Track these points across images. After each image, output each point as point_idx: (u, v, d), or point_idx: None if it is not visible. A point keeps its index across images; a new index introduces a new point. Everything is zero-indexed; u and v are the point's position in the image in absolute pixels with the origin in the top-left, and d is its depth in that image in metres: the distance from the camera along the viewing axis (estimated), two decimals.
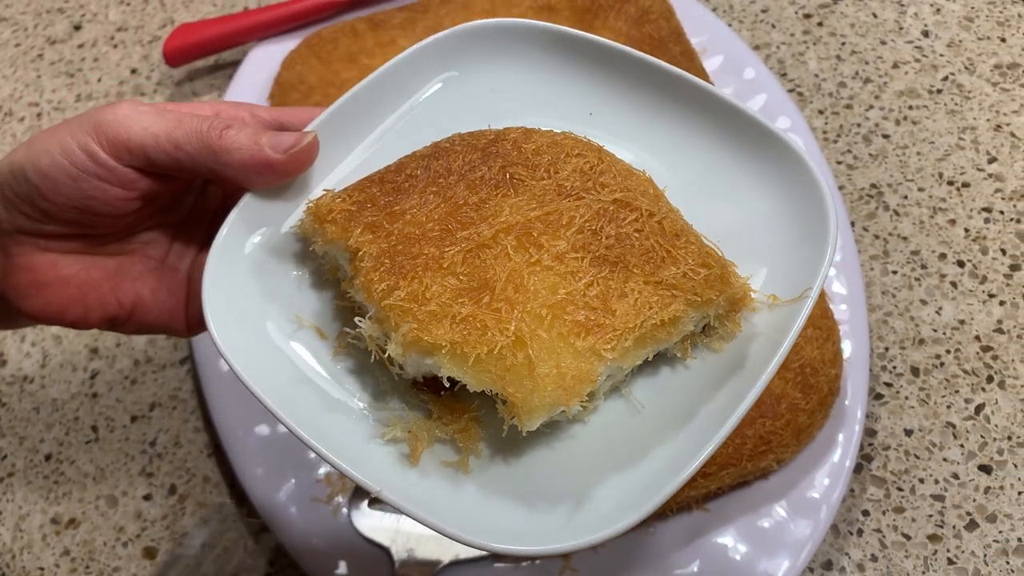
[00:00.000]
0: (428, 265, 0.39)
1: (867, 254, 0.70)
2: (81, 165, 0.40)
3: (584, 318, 0.38)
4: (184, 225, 0.47)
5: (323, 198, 0.43)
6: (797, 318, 0.39)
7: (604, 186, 0.41)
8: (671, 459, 0.38)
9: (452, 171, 0.42)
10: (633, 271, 0.39)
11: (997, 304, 0.67)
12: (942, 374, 0.64)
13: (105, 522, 0.65)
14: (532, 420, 0.37)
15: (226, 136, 0.41)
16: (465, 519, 0.37)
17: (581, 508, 0.38)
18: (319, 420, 0.40)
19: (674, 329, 0.39)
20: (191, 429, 0.68)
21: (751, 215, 0.44)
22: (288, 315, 0.43)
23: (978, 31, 0.80)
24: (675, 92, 0.46)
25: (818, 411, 0.59)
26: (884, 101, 0.77)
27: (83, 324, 0.44)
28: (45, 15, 0.95)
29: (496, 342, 0.37)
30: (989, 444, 0.61)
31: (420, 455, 0.40)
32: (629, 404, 0.41)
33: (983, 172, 0.72)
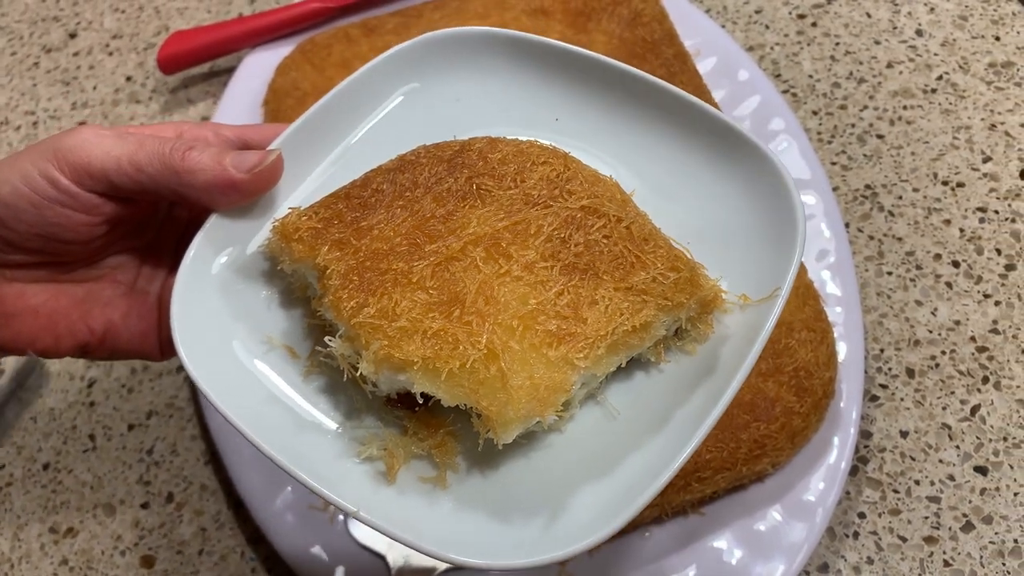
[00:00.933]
0: (397, 280, 0.39)
1: (862, 255, 0.70)
2: (42, 192, 0.39)
3: (556, 327, 0.38)
4: (152, 248, 0.47)
5: (289, 216, 0.43)
6: (768, 317, 0.39)
7: (571, 193, 0.41)
8: (647, 465, 0.38)
9: (418, 184, 0.42)
10: (603, 278, 0.39)
11: (992, 304, 0.66)
12: (937, 375, 0.64)
13: (103, 531, 0.65)
14: (507, 433, 0.37)
15: (189, 157, 0.40)
16: (442, 535, 0.37)
17: (557, 519, 0.38)
18: (292, 440, 0.40)
19: (646, 334, 0.39)
20: (188, 437, 0.69)
21: (719, 216, 0.44)
22: (259, 336, 0.43)
23: (972, 30, 0.79)
24: (640, 95, 0.46)
25: (813, 414, 0.59)
26: (878, 101, 0.77)
27: (54, 353, 0.44)
28: (40, 23, 0.95)
29: (468, 356, 0.37)
30: (985, 445, 0.61)
31: (397, 472, 0.40)
32: (605, 411, 0.41)
33: (978, 172, 0.72)
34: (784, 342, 0.60)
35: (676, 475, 0.57)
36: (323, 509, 0.62)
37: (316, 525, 0.61)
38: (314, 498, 0.62)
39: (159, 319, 0.46)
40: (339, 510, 0.61)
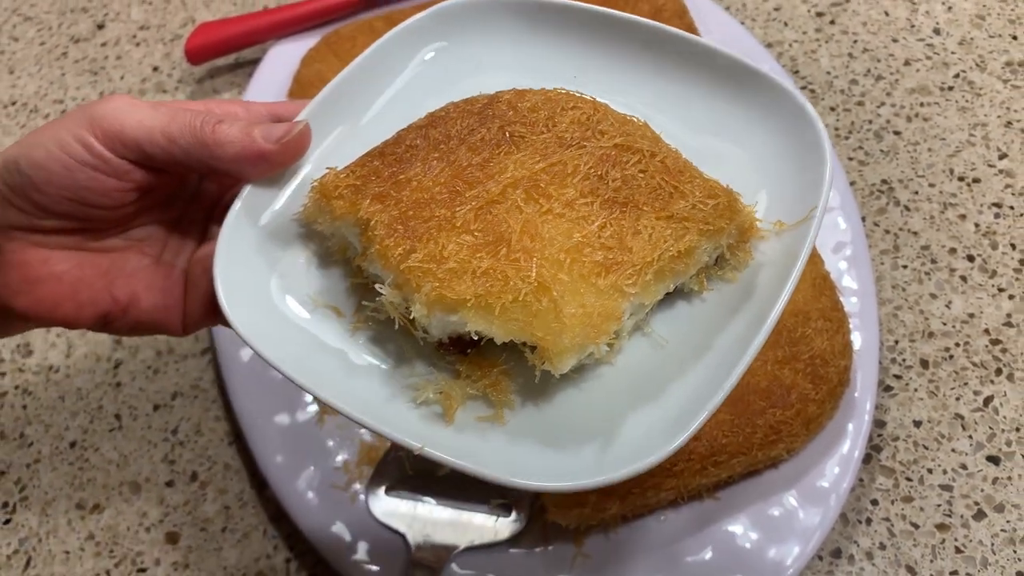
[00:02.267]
0: (441, 226, 0.39)
1: (878, 248, 0.71)
2: (76, 155, 0.40)
3: (602, 258, 0.38)
4: (180, 223, 0.47)
5: (327, 176, 0.43)
6: (806, 239, 0.40)
7: (603, 133, 0.42)
8: (694, 392, 0.38)
9: (451, 136, 0.43)
10: (643, 209, 0.40)
11: (1006, 298, 0.67)
12: (951, 367, 0.65)
13: (128, 507, 0.67)
14: (563, 362, 0.37)
15: (219, 130, 0.41)
16: (502, 463, 0.38)
17: (610, 445, 0.39)
18: (344, 387, 0.40)
19: (690, 259, 0.40)
20: (212, 418, 0.70)
21: (745, 151, 0.45)
22: (301, 296, 0.43)
23: (989, 29, 0.80)
24: (659, 45, 0.47)
25: (828, 401, 0.60)
26: (896, 98, 0.78)
27: (75, 321, 0.44)
28: (69, 14, 0.96)
29: (520, 289, 0.37)
30: (997, 435, 0.62)
31: (455, 413, 0.40)
32: (652, 341, 0.42)
33: (993, 168, 0.73)
34: (801, 331, 0.61)
35: (693, 459, 0.58)
36: (344, 489, 0.63)
37: (337, 504, 0.63)
38: (335, 477, 0.64)
39: (184, 293, 0.46)
40: (367, 486, 0.62)
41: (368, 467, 0.64)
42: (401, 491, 0.63)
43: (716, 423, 0.58)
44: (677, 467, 0.58)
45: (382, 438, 0.39)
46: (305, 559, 0.64)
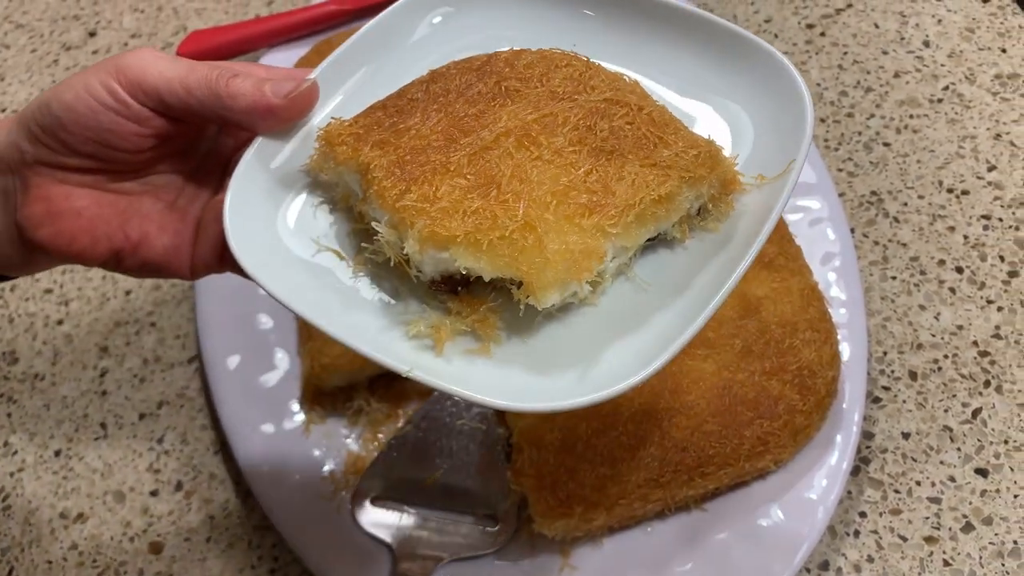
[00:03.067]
0: (436, 170, 0.41)
1: (867, 260, 0.71)
2: (101, 100, 0.43)
3: (587, 200, 0.40)
4: (196, 172, 0.49)
5: (332, 125, 0.45)
6: (783, 191, 0.42)
7: (594, 88, 0.44)
8: (671, 324, 0.40)
9: (450, 90, 0.45)
10: (628, 157, 0.42)
11: (995, 310, 0.67)
12: (940, 378, 0.65)
13: (112, 517, 0.66)
14: (546, 296, 0.39)
15: (232, 83, 0.44)
16: (487, 387, 0.39)
17: (591, 370, 0.40)
18: (342, 318, 0.42)
19: (671, 205, 0.42)
20: (198, 427, 0.70)
21: (731, 110, 0.47)
22: (305, 240, 0.45)
23: (979, 42, 0.81)
24: (653, 14, 0.49)
25: (816, 413, 0.60)
26: (885, 110, 0.78)
27: (90, 255, 0.46)
28: (61, 22, 0.96)
29: (507, 227, 0.39)
30: (986, 448, 0.62)
31: (444, 345, 0.42)
32: (635, 285, 0.44)
33: (982, 180, 0.73)
34: (788, 341, 0.61)
35: (680, 470, 0.58)
36: (330, 499, 0.63)
37: (323, 514, 0.62)
38: (321, 487, 0.63)
39: (194, 237, 0.48)
40: (353, 496, 0.62)
41: (354, 477, 0.64)
42: (387, 501, 0.62)
43: (703, 434, 0.58)
44: (664, 478, 0.58)
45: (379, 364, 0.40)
46: (290, 569, 0.63)
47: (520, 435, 0.60)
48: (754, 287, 0.64)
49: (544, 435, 0.59)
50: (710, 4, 0.87)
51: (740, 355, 0.61)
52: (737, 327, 0.62)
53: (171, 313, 0.75)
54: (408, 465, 0.63)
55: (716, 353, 0.61)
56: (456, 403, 0.65)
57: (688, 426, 0.59)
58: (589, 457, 0.58)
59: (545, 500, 0.58)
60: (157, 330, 0.74)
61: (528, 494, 0.59)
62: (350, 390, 0.68)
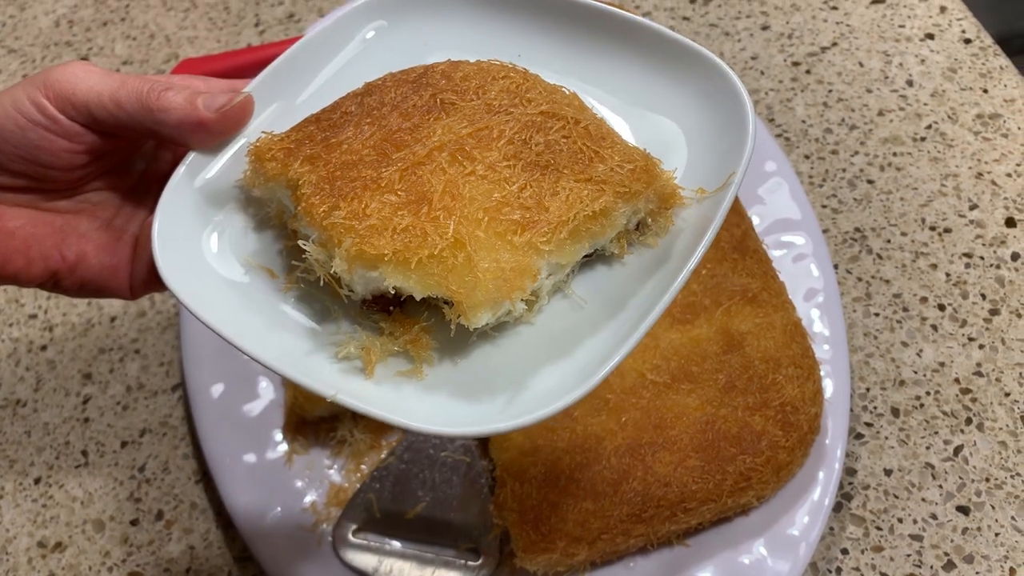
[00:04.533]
0: (367, 185, 0.41)
1: (850, 296, 0.71)
2: (29, 115, 0.42)
3: (520, 216, 0.40)
4: (134, 191, 0.49)
5: (262, 140, 0.44)
6: (721, 205, 0.41)
7: (531, 101, 0.44)
8: (601, 348, 0.40)
9: (385, 103, 0.44)
10: (563, 172, 0.41)
11: (976, 348, 0.68)
12: (922, 415, 0.65)
13: (91, 546, 0.66)
14: (476, 316, 0.38)
15: (164, 97, 0.43)
16: (414, 412, 0.39)
17: (520, 394, 0.40)
18: (267, 338, 0.41)
19: (606, 221, 0.41)
20: (180, 456, 0.69)
21: (674, 122, 0.46)
22: (236, 258, 0.45)
23: (961, 82, 0.82)
24: (596, 23, 0.48)
25: (798, 449, 0.60)
26: (869, 147, 0.79)
27: (25, 277, 0.45)
28: (53, 47, 0.97)
29: (436, 245, 0.38)
30: (967, 485, 0.62)
31: (375, 366, 0.41)
32: (572, 303, 0.43)
33: (964, 218, 0.74)
34: (772, 377, 0.61)
35: (663, 506, 0.58)
36: (311, 530, 0.63)
37: (304, 545, 0.62)
38: (302, 518, 0.63)
39: (132, 256, 0.47)
40: (335, 528, 0.62)
41: (336, 509, 0.64)
42: (368, 534, 0.62)
43: (686, 469, 0.58)
44: (647, 513, 0.58)
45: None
46: None
47: (503, 469, 0.60)
48: (737, 322, 0.64)
49: (527, 469, 0.59)
50: (697, 41, 0.88)
51: (723, 390, 0.61)
52: (721, 362, 0.62)
53: (156, 340, 0.75)
54: (391, 497, 0.63)
55: (699, 388, 0.61)
56: (440, 435, 0.64)
57: (671, 461, 0.59)
58: (572, 491, 0.58)
59: (528, 534, 0.58)
60: (141, 357, 0.74)
61: (511, 528, 0.59)
62: (333, 420, 0.68)
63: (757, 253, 0.68)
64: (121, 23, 0.98)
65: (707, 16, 0.90)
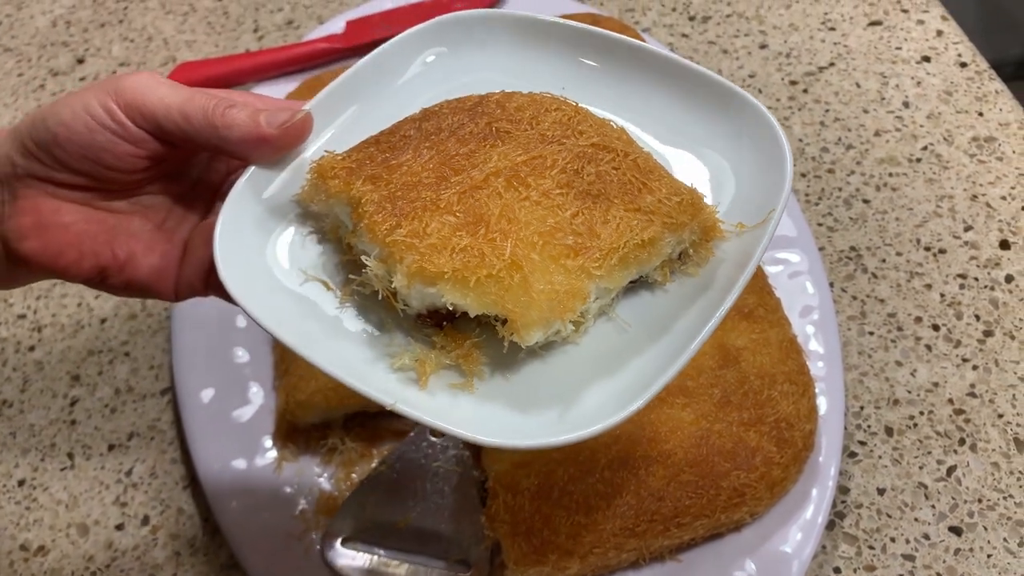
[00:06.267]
0: (426, 206, 0.42)
1: (845, 314, 0.71)
2: (98, 119, 0.44)
3: (572, 242, 0.41)
4: (186, 197, 0.50)
5: (325, 158, 0.46)
6: (762, 239, 0.43)
7: (582, 133, 0.45)
8: (649, 368, 0.41)
9: (442, 129, 0.46)
10: (614, 201, 0.43)
11: (970, 368, 0.68)
12: (915, 435, 0.65)
13: (75, 551, 0.65)
14: (531, 334, 0.40)
15: (228, 114, 0.44)
16: (469, 423, 0.40)
17: (570, 410, 0.41)
18: (327, 347, 0.43)
19: (653, 249, 0.43)
20: (168, 460, 0.68)
21: (713, 159, 0.48)
22: (293, 270, 0.46)
23: (957, 104, 0.82)
24: (640, 62, 0.50)
25: (792, 465, 0.60)
26: (865, 167, 0.79)
27: (75, 271, 0.47)
28: (50, 47, 0.96)
29: (494, 265, 0.40)
30: (960, 506, 0.62)
31: (428, 378, 0.42)
32: (616, 326, 0.45)
33: (959, 240, 0.74)
34: (767, 393, 0.61)
35: (656, 520, 0.57)
36: (299, 538, 0.62)
37: (292, 553, 0.61)
38: (291, 525, 0.62)
39: (180, 259, 0.49)
40: (323, 537, 0.61)
41: (325, 517, 0.63)
42: (358, 543, 0.61)
43: (680, 484, 0.58)
44: (639, 527, 0.57)
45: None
46: None
47: (496, 480, 0.60)
48: (733, 337, 0.64)
49: (520, 481, 0.59)
50: (695, 58, 0.88)
51: (718, 405, 0.61)
52: (716, 377, 0.62)
53: (146, 343, 0.74)
54: (381, 506, 0.62)
55: (695, 402, 0.61)
56: (432, 444, 0.64)
57: (665, 475, 0.58)
58: (565, 504, 0.58)
59: (519, 547, 0.57)
60: (131, 360, 0.73)
61: (502, 540, 0.58)
62: (325, 428, 0.67)
63: None
64: (119, 25, 0.98)
65: (706, 34, 0.91)
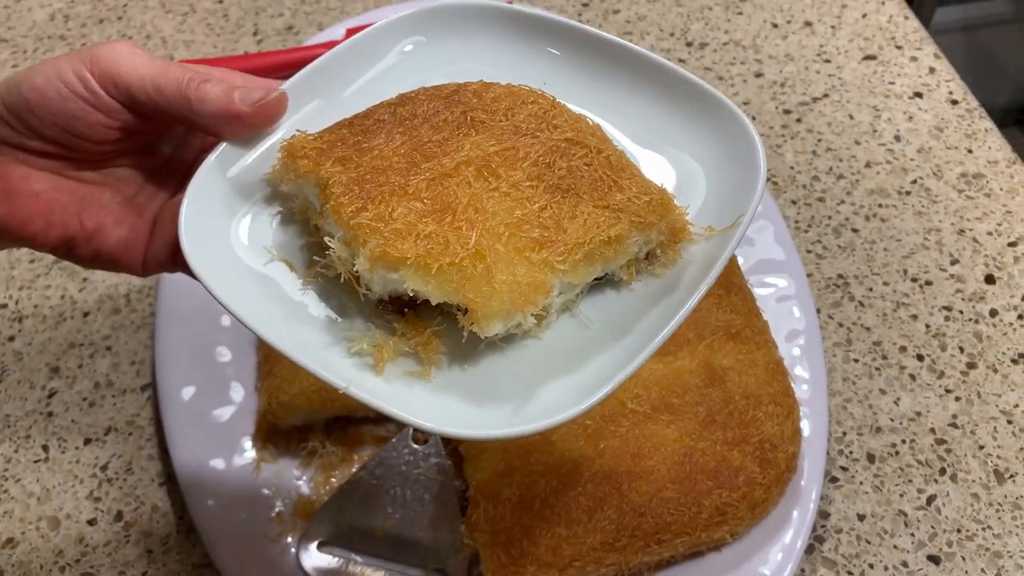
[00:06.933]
0: (394, 191, 0.42)
1: (831, 341, 0.71)
2: (71, 86, 0.43)
3: (538, 235, 0.41)
4: (160, 171, 0.49)
5: (296, 137, 0.45)
6: (729, 244, 0.43)
7: (556, 127, 0.45)
8: (608, 366, 0.41)
9: (417, 115, 0.46)
10: (583, 197, 0.43)
11: (953, 399, 0.68)
12: (897, 463, 0.65)
13: (45, 544, 0.64)
14: (490, 325, 0.40)
15: (202, 88, 0.44)
16: (422, 411, 0.40)
17: (526, 404, 0.41)
18: (285, 329, 0.42)
19: (619, 247, 0.43)
20: (145, 457, 0.67)
21: (688, 161, 0.48)
22: (259, 249, 0.45)
23: (947, 141, 0.83)
24: (621, 60, 0.50)
25: (774, 487, 0.59)
26: (855, 197, 0.80)
27: (42, 239, 0.46)
28: (46, 40, 0.96)
29: (457, 254, 0.40)
30: (939, 535, 0.62)
31: (385, 365, 0.42)
32: (579, 322, 0.44)
33: (945, 272, 0.75)
34: (752, 413, 0.61)
35: (636, 536, 0.57)
36: (275, 540, 0.61)
37: (266, 556, 0.60)
38: (267, 527, 0.61)
39: (150, 233, 0.48)
40: (299, 539, 0.60)
41: (302, 520, 0.62)
42: (334, 548, 0.61)
43: (662, 500, 0.58)
44: (620, 542, 0.57)
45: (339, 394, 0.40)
46: None
47: (477, 489, 0.59)
48: (720, 357, 0.64)
49: (502, 490, 0.58)
50: None
51: (703, 423, 0.61)
52: (702, 395, 0.62)
53: (128, 339, 0.73)
54: (359, 512, 0.62)
55: (679, 420, 0.61)
56: (413, 452, 0.63)
57: (647, 491, 0.58)
58: (546, 516, 0.58)
59: (498, 557, 0.57)
60: (112, 355, 0.73)
61: (481, 550, 0.58)
62: (305, 431, 0.66)
63: (742, 291, 0.68)
64: (118, 22, 0.98)
65: (702, 60, 0.91)
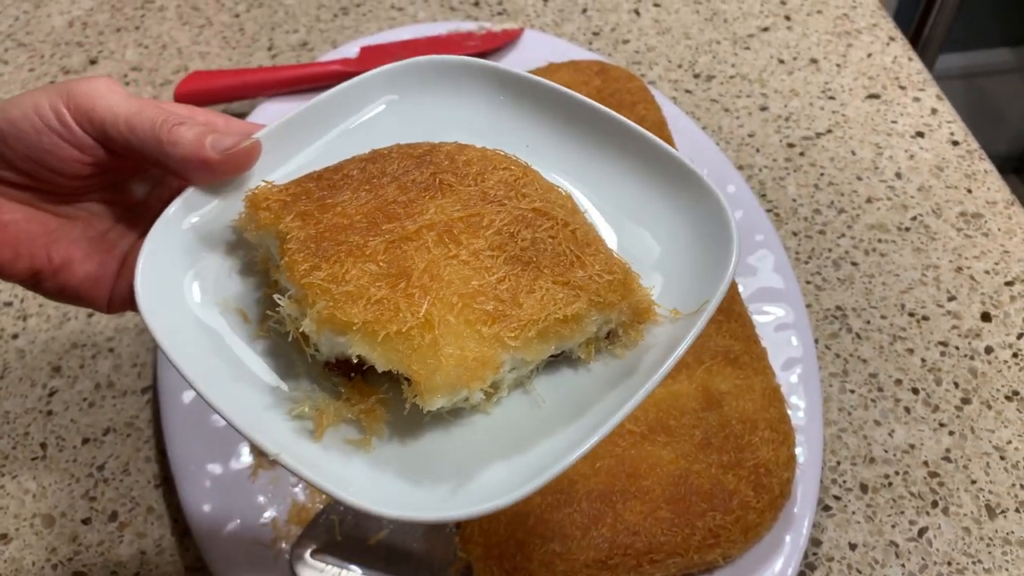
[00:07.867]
0: (351, 251, 0.41)
1: (827, 371, 0.72)
2: (46, 120, 0.43)
3: (492, 308, 0.40)
4: (134, 209, 0.49)
5: (260, 188, 0.45)
6: (691, 331, 0.41)
7: (525, 196, 0.44)
8: (554, 450, 0.40)
9: (386, 173, 0.45)
10: (543, 271, 0.41)
11: (947, 433, 0.69)
12: (889, 494, 0.66)
13: (38, 541, 0.64)
14: (433, 399, 0.38)
15: (175, 131, 0.43)
16: (351, 485, 0.38)
17: (464, 485, 0.39)
18: (228, 387, 0.41)
19: (576, 327, 0.41)
20: (142, 458, 0.68)
21: (662, 239, 0.47)
22: (214, 297, 0.45)
23: (947, 180, 0.85)
24: (606, 129, 0.49)
25: (768, 511, 0.60)
26: (855, 231, 0.81)
27: (8, 270, 0.46)
28: (64, 46, 0.97)
29: (406, 322, 0.38)
30: (929, 567, 0.62)
31: (324, 431, 0.41)
32: (531, 400, 0.43)
33: (942, 308, 0.76)
34: (747, 438, 0.61)
35: (629, 555, 0.57)
36: (269, 546, 0.61)
37: (260, 561, 0.60)
38: (261, 533, 0.62)
39: (118, 272, 0.48)
40: (293, 547, 0.60)
41: (297, 527, 0.62)
42: (327, 556, 0.61)
43: (656, 520, 0.58)
44: (612, 560, 0.57)
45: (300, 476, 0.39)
46: None
47: None
48: (718, 381, 0.64)
49: None
50: (697, 113, 0.90)
51: (699, 446, 0.61)
52: (699, 418, 0.62)
53: (131, 341, 0.74)
54: (353, 521, 0.62)
55: (675, 441, 0.61)
56: None
57: (642, 511, 0.58)
58: (540, 531, 0.58)
59: (491, 570, 0.57)
60: (114, 356, 0.73)
61: (474, 563, 0.58)
62: None
63: (741, 317, 0.69)
64: (135, 31, 0.99)
65: (709, 91, 0.93)
